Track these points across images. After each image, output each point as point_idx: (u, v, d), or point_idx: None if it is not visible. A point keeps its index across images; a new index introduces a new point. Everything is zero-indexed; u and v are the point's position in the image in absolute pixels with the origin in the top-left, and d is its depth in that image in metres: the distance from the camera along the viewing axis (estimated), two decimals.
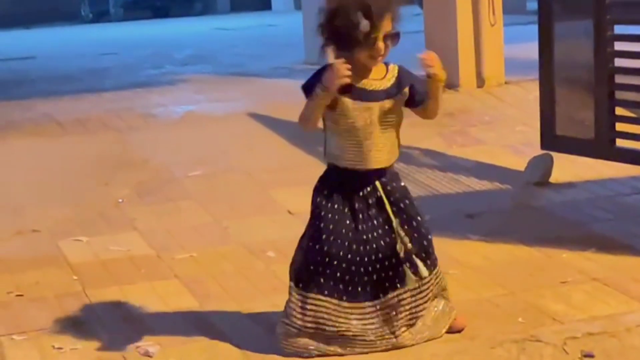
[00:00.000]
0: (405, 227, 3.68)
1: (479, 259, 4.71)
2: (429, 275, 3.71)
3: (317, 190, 3.71)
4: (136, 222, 5.60)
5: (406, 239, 3.67)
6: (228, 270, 4.75)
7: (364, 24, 3.47)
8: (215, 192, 6.14)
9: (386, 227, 3.66)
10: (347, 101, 3.58)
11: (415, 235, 3.69)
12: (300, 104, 3.64)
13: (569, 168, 6.06)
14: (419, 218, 3.71)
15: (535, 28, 5.81)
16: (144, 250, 5.12)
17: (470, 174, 6.25)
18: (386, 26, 3.53)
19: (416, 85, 3.67)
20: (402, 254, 3.66)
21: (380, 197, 3.66)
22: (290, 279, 3.75)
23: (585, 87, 5.53)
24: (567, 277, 4.38)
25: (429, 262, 3.72)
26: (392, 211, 3.67)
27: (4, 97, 9.33)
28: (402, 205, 3.69)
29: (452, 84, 8.30)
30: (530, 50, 6.19)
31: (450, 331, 3.82)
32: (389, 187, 3.68)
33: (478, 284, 4.37)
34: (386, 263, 3.67)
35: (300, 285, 3.69)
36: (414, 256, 3.68)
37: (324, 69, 3.55)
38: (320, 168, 3.81)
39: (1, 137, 7.56)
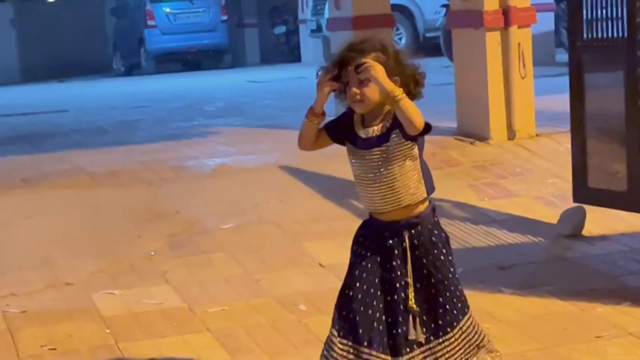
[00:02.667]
0: (417, 285, 3.64)
1: (512, 313, 4.68)
2: (435, 341, 3.63)
3: (354, 237, 3.73)
4: (168, 274, 5.61)
5: (415, 297, 3.63)
6: (260, 323, 4.75)
7: (330, 71, 3.59)
8: (247, 244, 6.14)
9: (404, 281, 3.64)
10: (348, 148, 3.67)
11: (425, 295, 3.64)
12: (331, 156, 3.68)
13: (602, 221, 6.02)
14: (439, 276, 3.65)
15: (565, 79, 5.81)
16: (176, 303, 5.13)
17: (502, 226, 6.22)
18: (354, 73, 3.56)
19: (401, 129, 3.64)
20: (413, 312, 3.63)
21: (405, 248, 3.65)
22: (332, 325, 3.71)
23: (618, 138, 5.51)
24: (602, 332, 4.34)
25: (433, 325, 3.63)
26: (413, 265, 3.65)
27: (37, 149, 9.42)
28: (424, 260, 3.66)
29: (483, 137, 8.30)
30: (561, 102, 6.19)
31: None
32: (415, 241, 3.66)
33: (511, 338, 4.33)
34: (400, 319, 3.63)
35: (341, 333, 3.65)
36: (417, 319, 3.61)
37: (346, 112, 3.67)
38: (351, 220, 3.82)
39: (34, 189, 7.62)
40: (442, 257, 3.68)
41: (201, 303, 5.07)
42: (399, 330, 3.62)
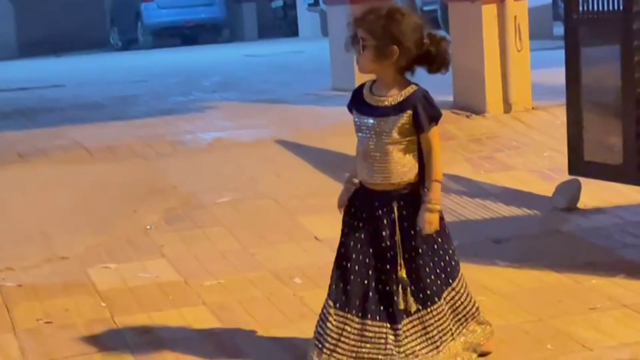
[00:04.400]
0: (406, 255, 3.67)
1: (507, 285, 4.70)
2: (424, 310, 3.67)
3: (345, 207, 3.77)
4: (164, 248, 5.62)
5: (405, 267, 3.66)
6: (256, 296, 4.76)
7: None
8: (243, 218, 6.15)
9: (393, 251, 3.67)
10: (354, 112, 3.73)
11: (413, 265, 3.67)
12: (328, 130, 3.69)
13: (597, 193, 6.03)
14: (424, 246, 3.68)
15: (561, 53, 5.80)
16: (172, 277, 5.14)
17: (497, 199, 6.24)
18: (359, 34, 3.65)
19: (419, 111, 3.66)
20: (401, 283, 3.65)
21: (394, 219, 3.67)
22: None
23: (613, 112, 5.51)
24: (596, 304, 4.35)
25: (422, 295, 3.67)
26: (401, 237, 3.67)
27: (33, 124, 9.41)
28: (412, 232, 3.68)
29: (479, 110, 8.30)
30: (557, 75, 6.18)
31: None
32: (404, 211, 3.68)
33: (506, 311, 4.35)
34: (387, 288, 3.67)
35: (337, 305, 3.69)
36: (408, 288, 3.65)
37: (354, 90, 3.76)
38: None
39: (31, 164, 7.62)
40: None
41: (197, 277, 5.09)
42: (394, 299, 3.65)
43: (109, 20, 24.61)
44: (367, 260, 3.68)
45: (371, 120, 3.66)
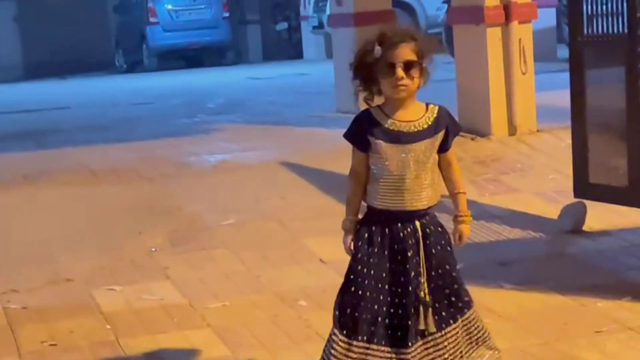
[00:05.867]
0: (433, 273, 3.64)
1: (512, 308, 4.68)
2: (439, 333, 3.64)
3: (357, 233, 3.69)
4: (169, 270, 5.62)
5: (426, 286, 3.64)
6: (260, 319, 4.75)
7: (377, 50, 3.55)
8: (248, 240, 6.15)
9: (417, 271, 3.64)
10: (381, 143, 3.60)
11: (438, 283, 3.65)
12: (332, 152, 3.69)
13: (602, 216, 6.02)
14: (447, 267, 3.67)
15: (566, 76, 5.81)
16: (176, 299, 5.14)
17: (502, 222, 6.23)
18: (405, 55, 3.57)
19: (450, 129, 3.66)
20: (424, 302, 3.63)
21: (418, 238, 3.64)
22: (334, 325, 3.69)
23: (618, 134, 5.51)
24: (601, 327, 4.34)
25: (437, 317, 3.63)
26: (425, 254, 3.64)
27: (39, 146, 9.43)
28: (433, 250, 3.66)
29: (483, 132, 8.30)
30: (562, 97, 6.18)
31: None
32: (427, 230, 3.65)
33: (512, 334, 4.34)
34: (400, 311, 3.63)
35: (345, 332, 3.65)
36: (429, 308, 3.62)
37: (359, 118, 3.63)
38: None
39: (35, 186, 7.63)
40: (449, 248, 3.69)
41: (201, 299, 5.08)
42: (409, 322, 3.61)
43: (114, 43, 24.70)
44: (380, 285, 3.64)
45: (411, 146, 3.62)
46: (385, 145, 3.59)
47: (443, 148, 3.65)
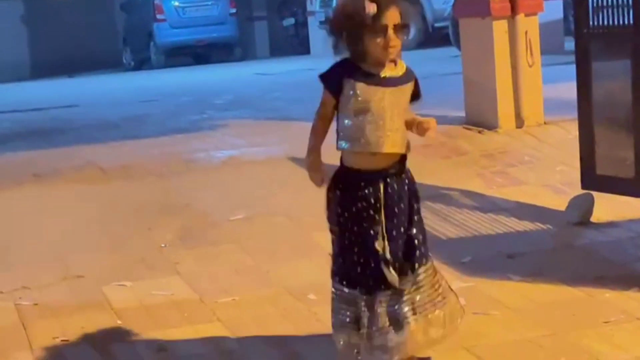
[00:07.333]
0: (393, 232, 3.76)
1: (520, 300, 4.70)
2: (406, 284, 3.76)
3: (334, 191, 3.92)
4: (179, 266, 5.65)
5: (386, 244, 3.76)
6: (270, 313, 4.78)
7: (372, 7, 3.62)
8: (256, 235, 6.18)
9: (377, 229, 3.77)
10: (360, 85, 3.73)
11: (393, 243, 3.77)
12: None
13: (610, 207, 6.03)
14: (409, 225, 3.79)
15: (573, 68, 5.82)
16: (186, 294, 5.17)
17: (510, 214, 6.24)
18: (396, 17, 3.64)
19: (416, 80, 3.84)
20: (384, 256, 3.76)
21: (379, 198, 3.76)
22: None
23: (625, 126, 5.52)
24: (610, 317, 4.36)
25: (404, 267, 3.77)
26: (385, 214, 3.76)
27: (48, 144, 9.47)
28: (396, 209, 3.77)
29: (491, 125, 8.31)
30: (570, 90, 6.19)
31: None
32: (389, 190, 3.77)
33: (520, 325, 4.36)
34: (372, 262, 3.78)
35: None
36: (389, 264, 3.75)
37: (342, 63, 3.80)
38: None
39: (45, 184, 7.66)
40: (415, 206, 3.83)
41: (211, 294, 5.11)
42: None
43: (121, 40, 24.75)
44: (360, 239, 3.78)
45: (404, 89, 3.76)
46: (363, 86, 3.73)
47: (417, 96, 3.84)
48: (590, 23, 5.64)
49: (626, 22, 5.40)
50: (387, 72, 3.74)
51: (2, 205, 7.16)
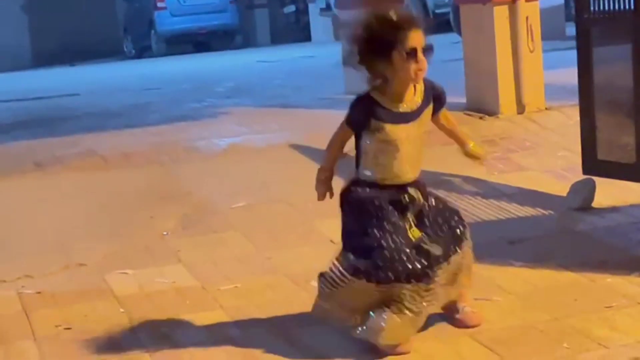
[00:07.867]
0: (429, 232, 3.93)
1: (522, 285, 4.71)
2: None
3: (345, 195, 4.04)
4: (181, 254, 5.66)
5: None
6: (272, 300, 4.79)
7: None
8: (258, 223, 6.18)
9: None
10: (387, 126, 3.75)
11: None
12: None
13: (611, 192, 6.03)
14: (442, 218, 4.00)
15: (574, 53, 5.82)
16: (189, 281, 5.18)
17: (512, 200, 6.25)
18: (422, 39, 3.63)
19: (436, 94, 3.85)
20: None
21: (406, 205, 3.87)
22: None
23: (626, 111, 5.52)
24: (611, 302, 4.36)
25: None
26: (414, 222, 3.90)
27: (49, 133, 9.47)
28: (424, 216, 3.93)
29: (492, 111, 8.31)
30: (570, 75, 6.19)
31: (464, 326, 4.06)
32: (416, 197, 3.90)
33: (522, 310, 4.36)
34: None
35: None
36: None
37: (362, 101, 3.77)
38: None
39: (47, 173, 7.67)
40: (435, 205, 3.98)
41: (214, 281, 5.12)
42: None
43: (122, 29, 24.72)
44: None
45: (410, 125, 3.77)
46: (387, 126, 3.75)
47: (435, 111, 3.88)
48: (591, 8, 5.63)
49: (627, 6, 5.39)
50: (407, 104, 3.74)
51: (3, 194, 7.17)
